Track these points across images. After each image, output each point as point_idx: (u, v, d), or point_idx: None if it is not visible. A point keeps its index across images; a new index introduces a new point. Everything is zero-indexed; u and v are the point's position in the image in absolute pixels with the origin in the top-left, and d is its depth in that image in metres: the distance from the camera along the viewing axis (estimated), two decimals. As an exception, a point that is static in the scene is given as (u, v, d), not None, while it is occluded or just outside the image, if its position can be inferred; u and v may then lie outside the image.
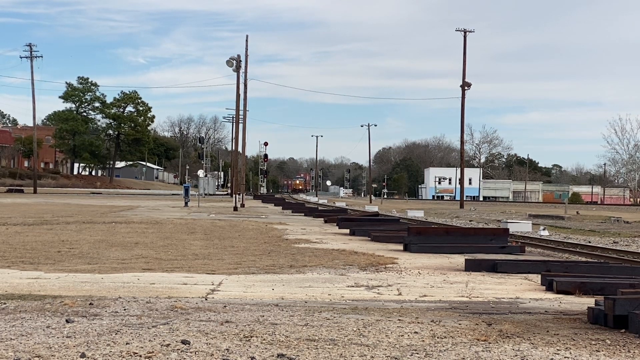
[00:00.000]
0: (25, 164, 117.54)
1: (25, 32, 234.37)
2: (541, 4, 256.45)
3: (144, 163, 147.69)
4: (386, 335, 6.55)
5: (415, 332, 6.73)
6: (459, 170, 70.08)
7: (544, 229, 26.19)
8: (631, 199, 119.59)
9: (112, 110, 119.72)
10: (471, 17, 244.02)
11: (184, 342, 6.02)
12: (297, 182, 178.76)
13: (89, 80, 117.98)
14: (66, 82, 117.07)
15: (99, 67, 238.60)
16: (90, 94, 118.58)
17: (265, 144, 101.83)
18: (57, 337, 6.15)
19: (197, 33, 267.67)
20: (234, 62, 51.42)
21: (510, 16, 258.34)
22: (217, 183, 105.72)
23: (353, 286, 10.24)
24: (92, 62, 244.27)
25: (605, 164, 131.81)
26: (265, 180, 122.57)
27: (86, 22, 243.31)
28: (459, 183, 66.29)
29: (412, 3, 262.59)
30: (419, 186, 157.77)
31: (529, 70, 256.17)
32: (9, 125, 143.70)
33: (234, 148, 79.92)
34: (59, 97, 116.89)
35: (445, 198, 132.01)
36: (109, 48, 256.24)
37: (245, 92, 53.04)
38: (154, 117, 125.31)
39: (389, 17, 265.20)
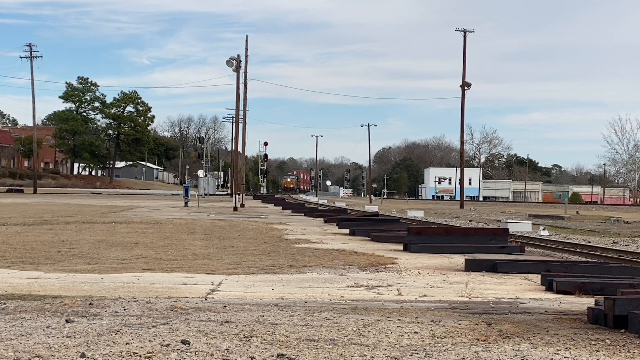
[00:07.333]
0: (25, 164, 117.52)
1: (31, 33, 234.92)
2: (544, 6, 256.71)
3: (144, 163, 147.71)
4: (386, 335, 6.55)
5: (415, 332, 6.73)
6: (459, 170, 70.06)
7: (543, 229, 26.18)
8: (631, 199, 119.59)
9: (112, 110, 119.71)
10: (476, 19, 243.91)
11: (183, 342, 6.02)
12: (289, 179, 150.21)
13: (89, 80, 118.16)
14: (66, 82, 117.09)
15: (103, 67, 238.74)
16: (90, 94, 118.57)
17: (265, 144, 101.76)
18: (57, 337, 6.15)
19: (202, 34, 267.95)
20: (234, 62, 51.41)
21: (514, 17, 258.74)
22: (217, 183, 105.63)
23: (353, 286, 10.23)
24: (97, 63, 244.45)
25: (605, 164, 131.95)
26: (265, 180, 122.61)
27: (92, 23, 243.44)
28: (459, 183, 66.30)
29: (417, 4, 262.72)
30: (419, 186, 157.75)
31: (531, 70, 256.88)
32: (9, 125, 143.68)
33: (234, 148, 79.93)
34: (59, 97, 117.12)
35: (445, 198, 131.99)
36: (114, 49, 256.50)
37: (245, 92, 53.07)
38: (153, 117, 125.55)
39: (394, 18, 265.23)
